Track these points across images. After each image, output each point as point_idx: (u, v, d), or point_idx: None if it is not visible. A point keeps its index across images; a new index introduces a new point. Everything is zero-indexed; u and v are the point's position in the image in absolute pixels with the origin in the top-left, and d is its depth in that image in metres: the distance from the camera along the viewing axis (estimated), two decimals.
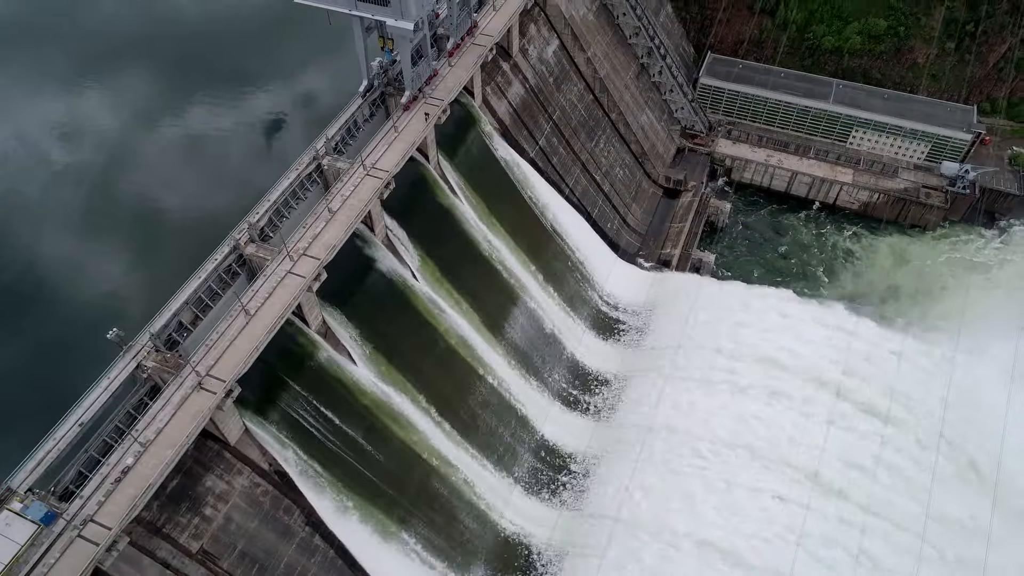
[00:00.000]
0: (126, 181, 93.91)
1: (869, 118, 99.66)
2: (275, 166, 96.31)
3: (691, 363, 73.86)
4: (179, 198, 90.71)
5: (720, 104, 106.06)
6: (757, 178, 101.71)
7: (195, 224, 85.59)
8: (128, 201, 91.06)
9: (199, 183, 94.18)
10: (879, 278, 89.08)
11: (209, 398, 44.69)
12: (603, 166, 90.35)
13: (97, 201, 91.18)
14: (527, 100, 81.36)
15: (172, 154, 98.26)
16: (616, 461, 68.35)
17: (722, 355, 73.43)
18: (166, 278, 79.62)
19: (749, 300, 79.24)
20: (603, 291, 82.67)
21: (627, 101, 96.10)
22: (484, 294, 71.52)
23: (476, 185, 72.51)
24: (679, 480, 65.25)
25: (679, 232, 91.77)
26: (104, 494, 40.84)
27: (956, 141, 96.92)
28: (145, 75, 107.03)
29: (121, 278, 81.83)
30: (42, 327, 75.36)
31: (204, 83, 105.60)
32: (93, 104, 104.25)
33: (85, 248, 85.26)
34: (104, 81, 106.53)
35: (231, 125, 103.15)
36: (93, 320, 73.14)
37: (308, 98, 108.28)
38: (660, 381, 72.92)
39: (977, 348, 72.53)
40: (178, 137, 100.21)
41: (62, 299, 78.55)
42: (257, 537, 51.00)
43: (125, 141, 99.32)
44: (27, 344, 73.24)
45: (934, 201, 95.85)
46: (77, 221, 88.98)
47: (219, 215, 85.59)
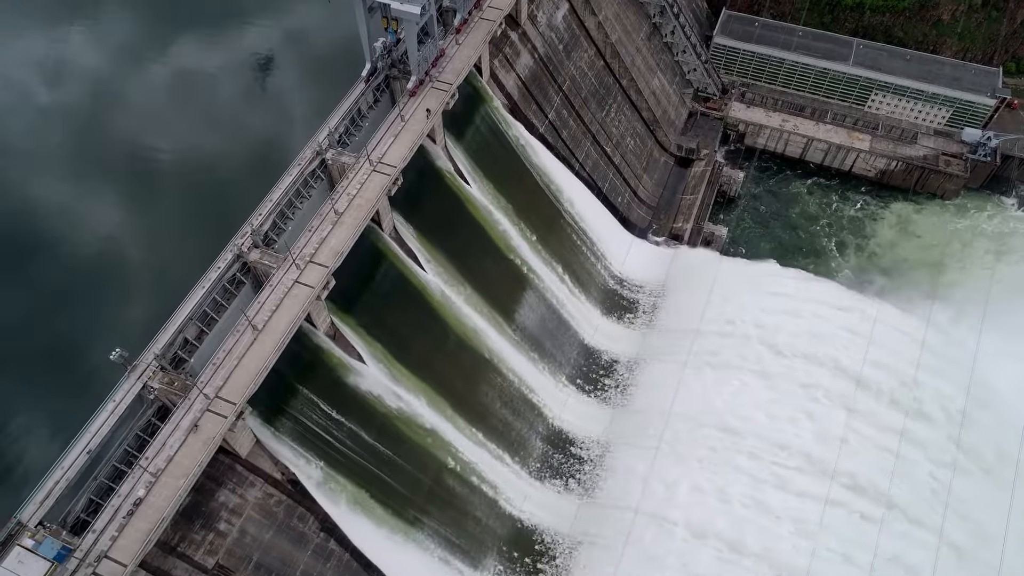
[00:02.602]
0: (113, 121, 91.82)
1: (889, 81, 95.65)
2: (265, 105, 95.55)
3: (705, 347, 72.42)
4: (169, 139, 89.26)
5: (734, 65, 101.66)
6: (771, 144, 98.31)
7: (185, 167, 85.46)
8: (116, 142, 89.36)
9: (188, 123, 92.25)
10: (897, 253, 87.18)
11: (219, 422, 43.44)
12: (614, 137, 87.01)
13: (85, 143, 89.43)
14: (536, 71, 77.51)
15: (160, 94, 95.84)
16: (631, 449, 67.58)
17: (738, 339, 71.86)
18: (157, 223, 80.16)
19: (763, 280, 77.29)
20: (615, 271, 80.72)
21: (638, 65, 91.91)
22: (494, 281, 69.67)
23: (485, 167, 69.72)
24: (694, 470, 64.59)
25: (691, 205, 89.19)
26: (117, 528, 40.00)
27: (979, 106, 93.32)
28: (130, 10, 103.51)
29: (112, 221, 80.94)
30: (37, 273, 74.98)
31: (190, 18, 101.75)
32: (77, 43, 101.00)
33: (74, 191, 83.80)
34: (87, 16, 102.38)
35: (219, 63, 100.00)
36: (88, 267, 74.58)
37: (298, 35, 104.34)
38: (674, 366, 71.71)
39: (1005, 330, 70.79)
40: (166, 75, 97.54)
41: (51, 244, 77.85)
42: (272, 547, 50.65)
43: (111, 79, 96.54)
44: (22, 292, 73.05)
45: (953, 169, 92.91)
46: (65, 164, 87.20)
47: (208, 156, 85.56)
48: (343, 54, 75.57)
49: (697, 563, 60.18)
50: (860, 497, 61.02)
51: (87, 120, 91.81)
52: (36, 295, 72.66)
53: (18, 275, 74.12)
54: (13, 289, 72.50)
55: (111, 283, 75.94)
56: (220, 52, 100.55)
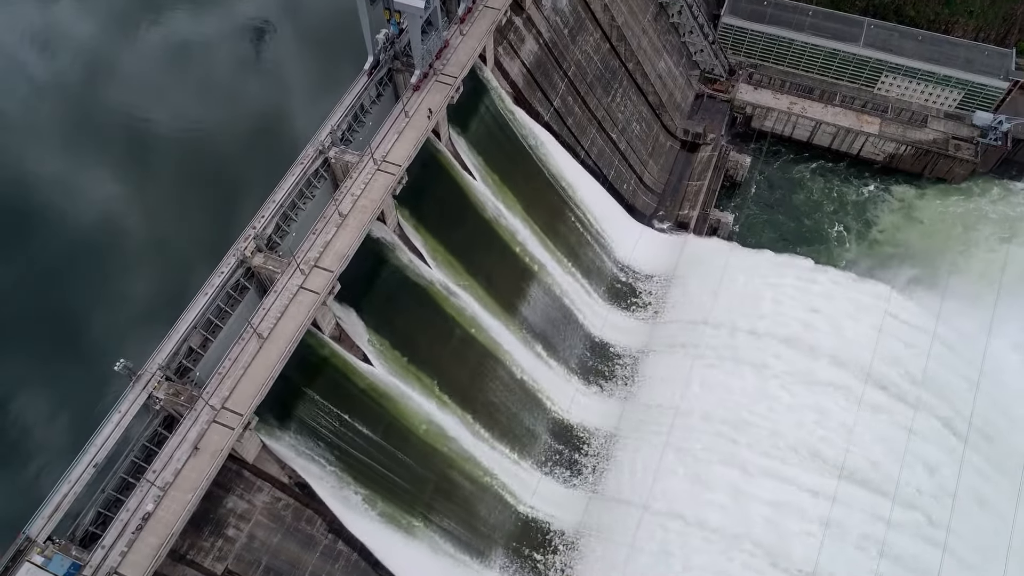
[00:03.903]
0: (106, 91, 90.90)
1: (900, 63, 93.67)
2: (259, 75, 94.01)
3: (711, 340, 71.84)
4: (163, 108, 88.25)
5: (742, 46, 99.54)
6: (779, 127, 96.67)
7: (180, 136, 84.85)
8: (109, 113, 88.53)
9: (182, 92, 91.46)
10: (905, 240, 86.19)
11: (226, 434, 43.12)
12: (619, 122, 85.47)
13: (78, 113, 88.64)
14: (541, 57, 75.74)
15: (153, 62, 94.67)
16: (639, 443, 67.35)
17: (746, 331, 71.16)
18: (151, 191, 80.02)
19: (770, 270, 76.40)
20: (621, 262, 79.87)
21: (644, 47, 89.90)
22: (499, 275, 68.98)
23: (489, 159, 68.52)
24: (701, 465, 64.44)
25: (697, 191, 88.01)
26: (127, 543, 39.92)
27: (991, 89, 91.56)
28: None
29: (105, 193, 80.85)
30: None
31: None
32: (68, 9, 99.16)
33: (69, 162, 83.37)
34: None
35: (213, 31, 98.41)
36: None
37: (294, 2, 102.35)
38: (681, 359, 71.21)
39: (1019, 320, 70.30)
40: (158, 42, 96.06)
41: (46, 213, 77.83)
42: (281, 550, 50.80)
43: (103, 47, 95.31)
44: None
45: (963, 154, 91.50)
46: (58, 134, 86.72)
47: (202, 126, 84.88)
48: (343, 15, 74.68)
49: (704, 559, 60.42)
50: (871, 493, 60.97)
51: (79, 90, 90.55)
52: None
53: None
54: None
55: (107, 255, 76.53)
56: (215, 19, 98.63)
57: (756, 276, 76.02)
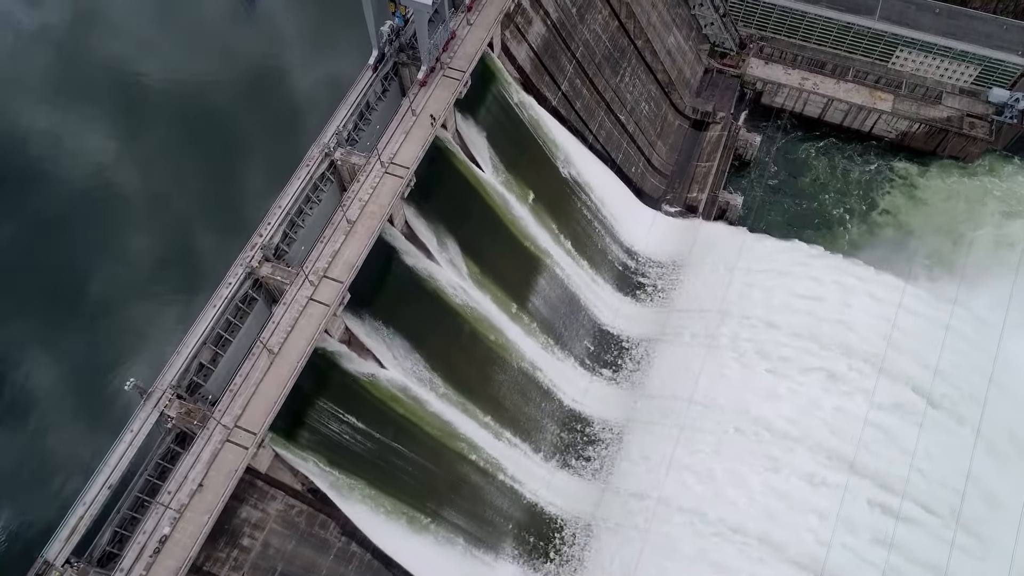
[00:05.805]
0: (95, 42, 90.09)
1: (916, 37, 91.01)
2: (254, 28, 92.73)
3: (721, 330, 71.39)
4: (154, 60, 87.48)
5: (753, 18, 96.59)
6: (790, 103, 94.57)
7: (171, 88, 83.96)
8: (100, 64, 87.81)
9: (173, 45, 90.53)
10: (919, 224, 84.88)
11: (240, 453, 42.92)
12: (628, 103, 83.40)
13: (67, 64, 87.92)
14: (549, 39, 73.35)
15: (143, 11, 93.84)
16: (649, 435, 67.34)
17: (755, 322, 70.58)
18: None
19: (781, 258, 75.63)
20: (631, 249, 78.84)
21: (654, 22, 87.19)
22: (508, 267, 68.14)
23: (498, 149, 66.92)
24: (712, 458, 64.61)
25: (706, 173, 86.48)
26: (144, 567, 40.01)
27: (1009, 65, 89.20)
28: None
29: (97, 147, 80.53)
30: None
31: None
32: None
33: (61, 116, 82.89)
34: None
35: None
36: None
37: None
38: (690, 349, 70.95)
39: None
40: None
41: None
42: (296, 556, 51.21)
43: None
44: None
45: (977, 132, 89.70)
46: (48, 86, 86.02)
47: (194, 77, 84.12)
48: None
49: (714, 550, 60.93)
50: (883, 490, 61.27)
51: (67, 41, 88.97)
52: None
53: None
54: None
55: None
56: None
57: (767, 264, 75.22)
